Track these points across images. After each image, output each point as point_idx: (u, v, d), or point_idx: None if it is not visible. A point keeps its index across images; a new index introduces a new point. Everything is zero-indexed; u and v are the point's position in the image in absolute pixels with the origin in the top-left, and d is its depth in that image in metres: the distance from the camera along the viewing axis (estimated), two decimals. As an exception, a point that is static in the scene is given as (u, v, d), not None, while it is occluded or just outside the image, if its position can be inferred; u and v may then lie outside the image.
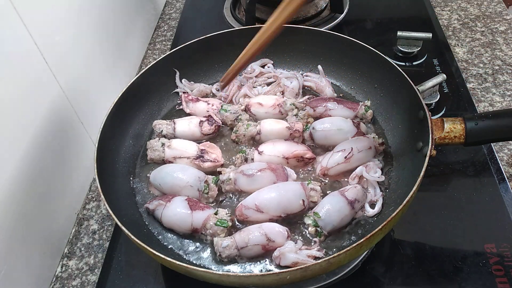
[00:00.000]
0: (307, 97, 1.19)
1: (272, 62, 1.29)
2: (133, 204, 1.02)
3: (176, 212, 0.93)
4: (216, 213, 0.93)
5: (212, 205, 0.99)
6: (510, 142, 1.20)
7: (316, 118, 1.12)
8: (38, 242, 1.02)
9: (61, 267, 1.07)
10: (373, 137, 1.04)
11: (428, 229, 1.02)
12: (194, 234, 0.94)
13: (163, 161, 1.07)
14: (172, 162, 1.06)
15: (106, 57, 1.37)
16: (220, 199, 1.01)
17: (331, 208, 0.91)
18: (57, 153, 1.09)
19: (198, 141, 1.11)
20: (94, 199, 1.21)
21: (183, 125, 1.12)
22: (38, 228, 1.02)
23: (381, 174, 0.99)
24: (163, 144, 1.07)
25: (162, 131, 1.12)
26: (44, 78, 1.05)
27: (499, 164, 1.12)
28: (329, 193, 0.97)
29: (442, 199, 1.07)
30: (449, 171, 1.13)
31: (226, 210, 0.95)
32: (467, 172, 1.12)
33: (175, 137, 1.12)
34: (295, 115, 1.12)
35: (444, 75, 1.25)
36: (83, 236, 1.12)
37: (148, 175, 1.06)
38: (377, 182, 0.98)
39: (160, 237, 0.96)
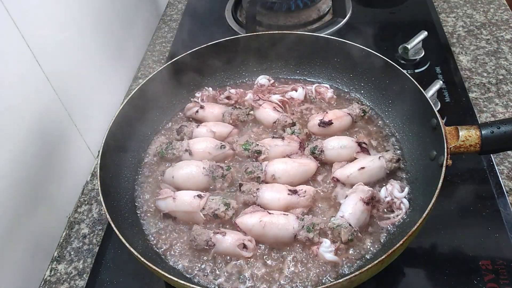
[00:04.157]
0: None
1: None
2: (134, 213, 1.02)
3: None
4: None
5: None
6: (511, 154, 1.17)
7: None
8: (29, 245, 1.01)
9: (50, 271, 1.06)
10: (391, 157, 1.02)
11: (421, 242, 0.99)
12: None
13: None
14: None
15: (103, 58, 1.35)
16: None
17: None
18: (50, 155, 1.08)
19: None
20: (86, 202, 1.20)
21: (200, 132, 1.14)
22: (29, 230, 1.01)
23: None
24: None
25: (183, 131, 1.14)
26: (36, 80, 1.04)
27: (498, 177, 1.09)
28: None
29: (438, 212, 1.04)
30: (446, 183, 1.09)
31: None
32: (465, 185, 1.09)
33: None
34: (292, 133, 1.11)
35: (441, 82, 1.24)
36: (74, 240, 1.11)
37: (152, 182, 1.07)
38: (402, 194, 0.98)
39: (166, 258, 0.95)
